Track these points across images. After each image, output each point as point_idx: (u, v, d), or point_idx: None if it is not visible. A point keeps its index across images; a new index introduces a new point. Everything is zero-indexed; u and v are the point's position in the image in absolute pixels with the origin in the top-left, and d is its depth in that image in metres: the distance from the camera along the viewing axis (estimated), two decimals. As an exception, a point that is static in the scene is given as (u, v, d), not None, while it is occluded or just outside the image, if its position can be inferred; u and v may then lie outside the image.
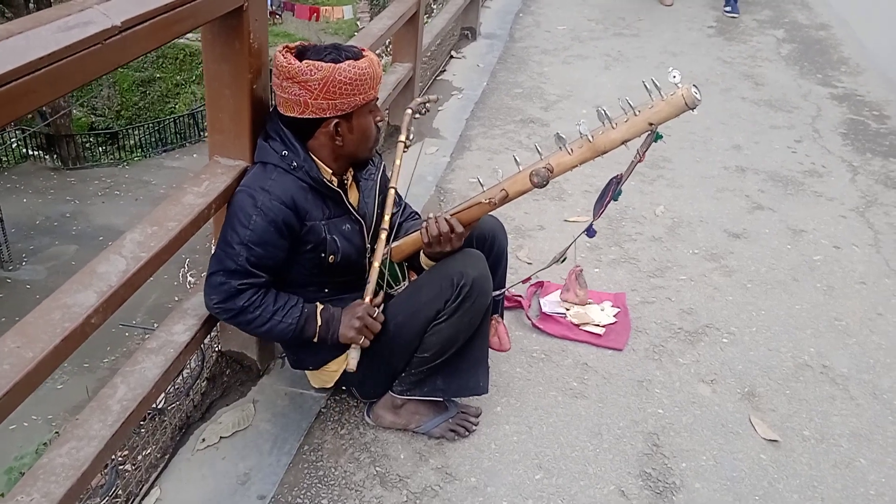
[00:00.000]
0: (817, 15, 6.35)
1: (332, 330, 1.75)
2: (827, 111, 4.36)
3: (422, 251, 1.85)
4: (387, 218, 1.84)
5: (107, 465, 1.75)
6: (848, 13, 6.36)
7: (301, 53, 1.66)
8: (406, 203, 2.02)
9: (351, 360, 1.74)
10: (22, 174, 13.21)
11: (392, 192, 1.87)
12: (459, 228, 1.74)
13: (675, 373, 2.25)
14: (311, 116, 1.65)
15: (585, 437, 2.00)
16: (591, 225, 1.82)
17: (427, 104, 2.11)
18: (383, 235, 1.81)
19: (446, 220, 1.73)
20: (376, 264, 1.78)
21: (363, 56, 1.65)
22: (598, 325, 2.39)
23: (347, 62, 1.61)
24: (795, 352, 2.37)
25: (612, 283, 2.67)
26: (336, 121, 1.66)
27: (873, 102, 4.53)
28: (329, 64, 1.60)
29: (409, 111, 2.07)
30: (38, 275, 9.88)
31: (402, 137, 1.97)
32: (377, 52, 2.84)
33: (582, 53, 5.13)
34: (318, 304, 1.78)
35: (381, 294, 1.82)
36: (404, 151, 1.96)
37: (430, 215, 1.76)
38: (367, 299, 1.77)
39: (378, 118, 1.76)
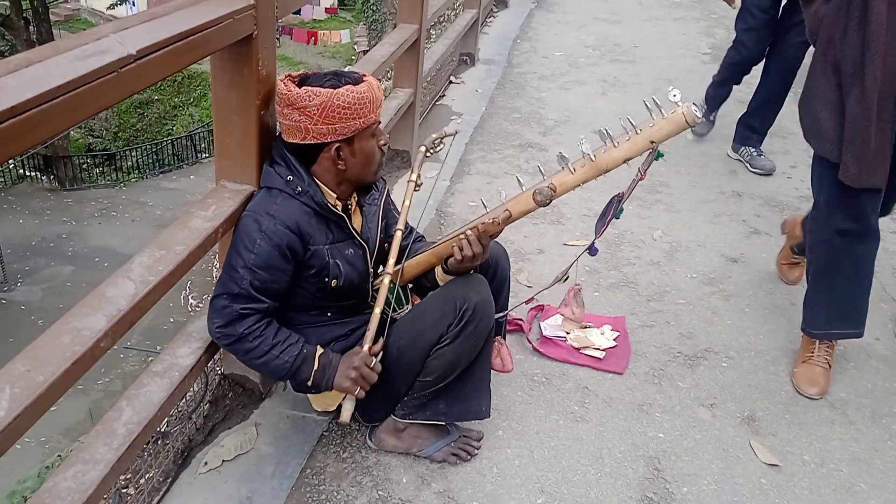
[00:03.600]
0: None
1: (328, 377, 1.74)
2: (821, 137, 4.40)
3: (439, 267, 1.87)
4: (391, 262, 1.80)
5: (110, 489, 1.75)
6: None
7: (303, 81, 1.69)
8: (411, 226, 2.04)
9: (344, 411, 1.72)
10: (18, 195, 13.21)
11: (399, 233, 1.85)
12: (487, 245, 1.77)
13: (676, 397, 2.26)
14: (312, 142, 1.67)
15: (587, 461, 2.00)
16: (593, 243, 1.85)
17: (443, 139, 2.10)
18: (386, 280, 1.78)
19: (477, 237, 1.75)
20: (377, 311, 1.75)
21: (363, 81, 1.67)
22: (598, 349, 2.40)
23: (346, 87, 1.64)
24: (794, 376, 2.38)
25: (611, 306, 2.68)
26: (337, 145, 1.68)
27: (867, 129, 4.58)
28: (327, 89, 1.62)
29: (423, 149, 2.00)
30: (34, 296, 9.85)
31: (413, 177, 1.93)
32: (379, 77, 2.88)
33: (579, 79, 5.19)
34: (318, 347, 1.77)
35: (381, 342, 1.78)
36: (415, 190, 1.92)
37: (463, 234, 1.77)
38: (366, 348, 1.75)
39: (382, 142, 1.77)
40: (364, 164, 1.75)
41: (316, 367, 1.73)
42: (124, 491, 1.83)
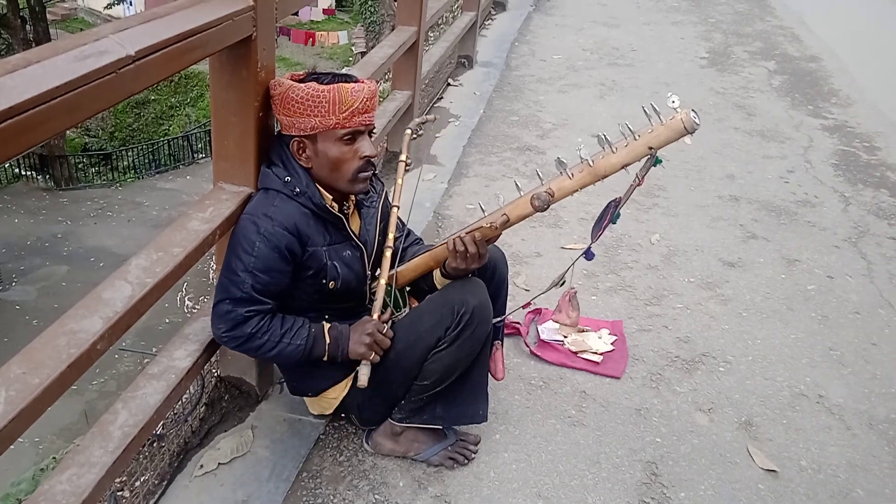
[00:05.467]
0: (807, 47, 6.46)
1: (342, 347, 1.75)
2: (818, 142, 4.42)
3: (437, 270, 1.87)
4: (391, 236, 1.84)
5: (105, 492, 1.74)
6: (838, 45, 6.48)
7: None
8: (409, 229, 2.03)
9: (361, 375, 1.74)
10: (14, 194, 13.17)
11: (395, 210, 1.88)
12: (483, 249, 1.76)
13: (673, 401, 2.26)
14: (285, 132, 1.70)
15: (584, 465, 2.00)
16: (589, 248, 1.84)
17: (425, 123, 2.15)
18: (388, 253, 1.82)
19: (473, 239, 1.74)
20: (383, 281, 1.78)
21: (346, 83, 1.64)
22: (595, 353, 2.40)
23: (309, 83, 1.64)
24: (791, 381, 2.39)
25: (609, 310, 2.68)
26: (298, 139, 1.69)
27: (864, 134, 4.60)
28: (291, 82, 1.65)
29: (409, 131, 2.09)
30: (29, 295, 9.80)
31: (403, 157, 1.99)
32: (378, 79, 2.87)
33: (577, 82, 5.20)
34: (324, 322, 1.78)
35: (389, 310, 1.82)
36: (406, 170, 1.97)
37: (456, 235, 1.76)
38: (375, 316, 1.77)
39: (363, 153, 1.69)
40: (329, 168, 1.69)
41: (329, 340, 1.75)
42: (119, 494, 1.82)
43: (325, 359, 1.76)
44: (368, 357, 1.74)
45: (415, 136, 2.10)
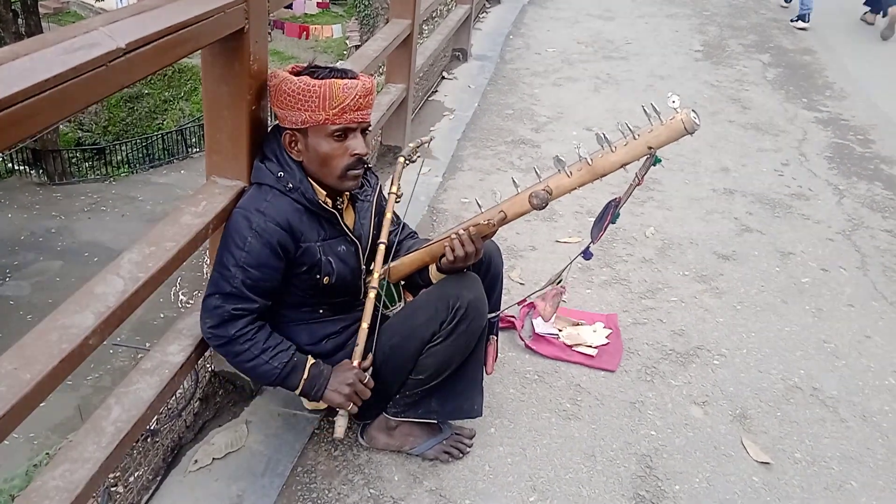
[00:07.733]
0: (802, 39, 6.47)
1: (318, 388, 1.71)
2: (813, 135, 4.43)
3: (433, 265, 1.86)
4: (375, 276, 1.78)
5: (98, 487, 1.73)
6: (833, 39, 6.48)
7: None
8: (404, 223, 2.03)
9: (338, 427, 1.70)
10: (7, 189, 13.12)
11: (382, 247, 1.82)
12: (479, 245, 1.75)
13: (668, 394, 2.26)
14: (281, 125, 1.69)
15: (579, 458, 2.00)
16: (588, 247, 1.84)
17: (420, 147, 2.07)
18: (372, 294, 1.75)
19: (470, 238, 1.73)
20: (364, 325, 1.73)
21: (340, 78, 1.63)
22: (590, 347, 2.40)
23: (303, 77, 1.63)
24: (786, 374, 2.39)
25: (603, 304, 2.68)
26: (290, 132, 1.67)
27: (858, 127, 4.61)
28: (285, 74, 1.65)
29: (402, 159, 1.99)
30: (23, 290, 9.78)
31: (394, 188, 1.91)
32: (371, 72, 2.86)
33: (572, 76, 5.19)
34: (310, 357, 1.74)
35: (370, 357, 1.76)
36: (396, 201, 1.91)
37: (454, 234, 1.75)
38: (356, 362, 1.72)
39: (354, 150, 1.67)
40: (319, 163, 1.68)
41: (306, 376, 1.71)
42: (113, 489, 1.82)
43: (298, 393, 1.73)
44: (346, 407, 1.71)
45: (408, 162, 2.00)
